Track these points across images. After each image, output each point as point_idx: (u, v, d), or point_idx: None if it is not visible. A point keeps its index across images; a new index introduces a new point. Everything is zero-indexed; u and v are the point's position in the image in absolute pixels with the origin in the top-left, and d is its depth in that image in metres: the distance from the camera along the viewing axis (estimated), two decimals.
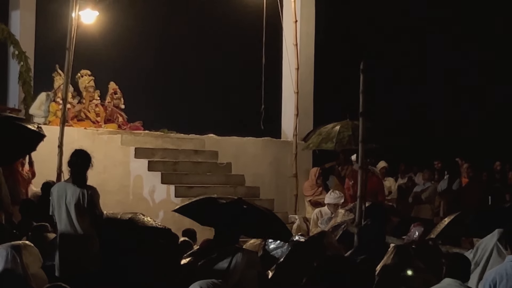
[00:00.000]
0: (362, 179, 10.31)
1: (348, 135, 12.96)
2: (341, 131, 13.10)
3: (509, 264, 6.90)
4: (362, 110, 10.11)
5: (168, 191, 12.87)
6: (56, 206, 8.13)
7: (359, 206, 10.10)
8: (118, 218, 8.59)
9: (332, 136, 13.18)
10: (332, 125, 13.53)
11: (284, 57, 15.61)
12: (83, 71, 14.80)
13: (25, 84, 14.77)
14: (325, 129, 13.58)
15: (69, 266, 7.99)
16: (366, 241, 8.76)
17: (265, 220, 8.66)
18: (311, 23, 15.81)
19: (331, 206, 12.34)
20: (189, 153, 14.06)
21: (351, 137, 12.85)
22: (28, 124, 9.28)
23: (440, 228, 9.62)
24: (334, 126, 13.44)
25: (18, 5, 15.65)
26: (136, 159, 13.40)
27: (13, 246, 6.92)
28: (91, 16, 14.86)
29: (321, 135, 13.54)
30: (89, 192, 8.07)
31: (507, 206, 11.37)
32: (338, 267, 6.33)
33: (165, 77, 19.95)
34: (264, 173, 14.92)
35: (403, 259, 7.93)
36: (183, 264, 8.33)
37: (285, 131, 15.73)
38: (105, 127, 14.36)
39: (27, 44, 15.20)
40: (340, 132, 13.11)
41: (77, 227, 8.02)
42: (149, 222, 8.64)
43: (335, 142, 13.11)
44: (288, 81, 15.45)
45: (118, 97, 15.09)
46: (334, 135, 13.15)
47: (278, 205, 13.82)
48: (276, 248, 9.46)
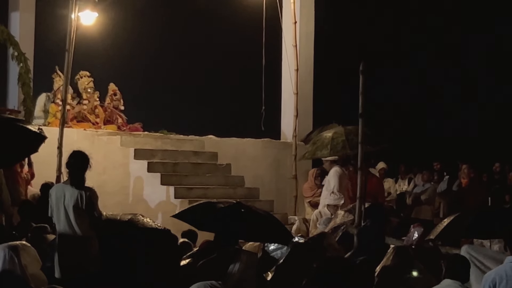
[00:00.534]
0: (362, 180, 10.31)
1: (342, 141, 12.98)
2: (335, 138, 13.11)
3: (509, 265, 6.89)
4: (361, 111, 10.12)
5: (168, 192, 12.86)
6: (55, 208, 8.12)
7: (359, 207, 10.11)
8: (117, 219, 8.59)
9: (326, 144, 13.19)
10: (324, 133, 13.53)
11: (283, 59, 15.61)
12: (82, 72, 14.79)
13: (24, 85, 14.75)
14: (318, 138, 13.59)
15: (68, 268, 7.98)
16: (366, 242, 8.75)
17: (264, 223, 8.66)
18: (311, 24, 15.81)
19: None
20: (189, 154, 14.05)
21: (345, 142, 12.89)
22: (29, 125, 9.27)
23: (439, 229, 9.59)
24: (326, 133, 13.44)
25: (17, 7, 15.65)
26: (135, 160, 13.38)
27: (11, 247, 6.91)
28: (90, 17, 14.86)
29: (315, 144, 13.56)
30: (88, 193, 8.05)
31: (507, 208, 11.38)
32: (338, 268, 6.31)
33: (164, 78, 19.96)
34: (263, 174, 14.91)
35: (403, 260, 7.93)
36: (182, 265, 8.33)
37: (285, 133, 15.72)
38: (104, 129, 14.35)
39: (26, 45, 15.18)
40: (334, 138, 13.12)
41: (76, 229, 8.00)
42: (149, 223, 8.65)
43: (330, 149, 13.14)
44: (287, 83, 15.45)
45: (118, 98, 15.08)
46: (328, 142, 13.17)
47: (277, 206, 13.81)
48: (275, 249, 9.45)
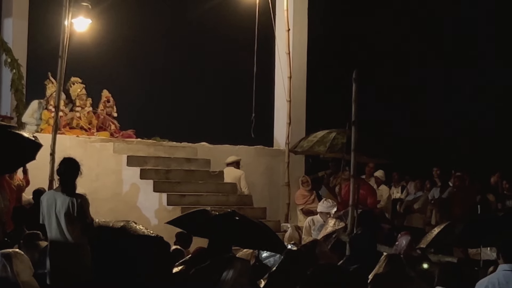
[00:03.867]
0: (354, 187, 10.33)
1: (342, 143, 12.97)
2: (336, 138, 13.11)
3: (502, 273, 6.91)
4: (354, 119, 10.15)
5: (161, 199, 12.85)
6: (46, 215, 8.11)
7: (351, 214, 10.12)
8: (110, 226, 8.58)
9: (326, 141, 13.18)
10: (328, 131, 13.53)
11: (276, 66, 15.63)
12: (74, 78, 14.75)
13: (17, 92, 14.74)
14: (321, 134, 13.57)
15: (60, 275, 7.97)
16: (358, 249, 8.77)
17: (258, 232, 8.68)
18: (304, 31, 15.84)
19: (323, 214, 12.37)
20: (182, 161, 14.05)
21: (344, 145, 12.89)
22: (25, 133, 9.25)
23: (430, 238, 9.63)
24: (330, 132, 13.44)
25: (11, 13, 15.63)
26: (128, 167, 13.38)
27: (3, 254, 6.90)
28: (84, 24, 14.85)
29: (316, 137, 13.51)
30: (79, 200, 8.04)
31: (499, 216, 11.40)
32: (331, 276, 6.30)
33: (157, 85, 19.95)
34: (256, 181, 14.91)
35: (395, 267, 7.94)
36: (175, 272, 8.32)
37: (278, 140, 15.74)
38: (97, 135, 14.33)
39: (19, 51, 15.18)
40: (335, 138, 13.12)
41: (67, 236, 7.99)
42: (141, 230, 8.64)
43: (328, 147, 13.12)
44: (280, 90, 15.47)
45: (111, 105, 15.07)
46: (328, 140, 13.16)
47: (270, 213, 13.82)
48: (268, 256, 9.46)
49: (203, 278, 7.30)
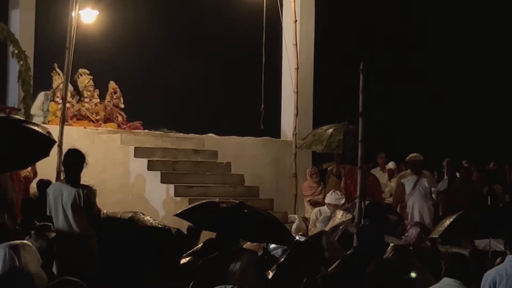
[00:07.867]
0: (361, 179, 10.31)
1: (338, 140, 13.01)
2: (333, 135, 13.14)
3: (509, 264, 6.91)
4: (361, 110, 10.12)
5: (168, 191, 12.87)
6: (53, 207, 8.12)
7: (359, 205, 10.10)
8: (118, 217, 8.60)
9: (323, 139, 13.22)
10: (326, 127, 13.54)
11: (283, 57, 15.60)
12: (81, 70, 14.78)
13: (24, 83, 14.74)
14: (320, 131, 13.60)
15: (68, 266, 7.98)
16: (366, 241, 8.76)
17: (267, 224, 8.68)
18: (311, 23, 15.80)
19: (331, 206, 12.37)
20: (189, 152, 14.05)
21: (340, 141, 12.93)
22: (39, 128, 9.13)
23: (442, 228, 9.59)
24: (328, 128, 13.45)
25: (18, 4, 15.63)
26: (135, 158, 13.39)
27: (11, 246, 6.89)
28: (91, 15, 14.85)
29: (315, 136, 13.56)
30: (85, 191, 8.05)
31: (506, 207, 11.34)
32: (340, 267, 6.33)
33: (164, 76, 19.93)
34: (263, 172, 14.91)
35: (402, 258, 7.93)
36: (183, 263, 8.34)
37: (285, 131, 15.72)
38: (104, 127, 14.35)
39: (26, 43, 15.17)
40: (332, 135, 13.14)
41: (74, 227, 8.01)
42: (149, 221, 8.66)
43: (324, 146, 13.17)
44: (287, 81, 15.44)
45: (118, 96, 15.09)
46: (325, 138, 13.20)
47: (277, 204, 13.82)
48: (276, 248, 9.47)
49: (210, 270, 7.31)
